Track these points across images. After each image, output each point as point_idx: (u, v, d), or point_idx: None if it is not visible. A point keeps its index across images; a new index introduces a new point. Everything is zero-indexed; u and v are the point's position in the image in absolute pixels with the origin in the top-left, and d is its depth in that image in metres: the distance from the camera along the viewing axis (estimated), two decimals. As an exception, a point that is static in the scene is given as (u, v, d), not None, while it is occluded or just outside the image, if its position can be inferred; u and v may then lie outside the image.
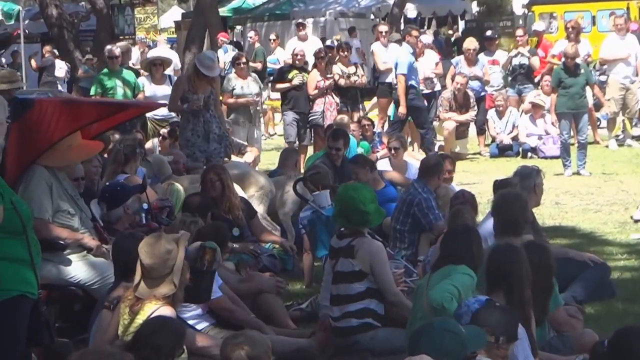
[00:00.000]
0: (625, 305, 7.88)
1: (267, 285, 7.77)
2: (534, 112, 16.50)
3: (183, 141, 11.60)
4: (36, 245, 5.31)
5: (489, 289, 5.65)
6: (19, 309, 5.18)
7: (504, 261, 5.64)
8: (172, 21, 42.66)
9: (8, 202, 5.10)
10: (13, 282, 5.14)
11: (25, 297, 5.20)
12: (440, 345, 4.72)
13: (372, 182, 9.56)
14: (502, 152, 16.36)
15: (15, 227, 5.16)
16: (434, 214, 8.81)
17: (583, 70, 14.33)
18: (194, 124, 11.33)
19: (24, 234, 5.21)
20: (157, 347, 5.01)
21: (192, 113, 11.32)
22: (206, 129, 11.31)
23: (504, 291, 5.55)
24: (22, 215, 5.20)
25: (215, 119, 11.38)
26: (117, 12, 28.93)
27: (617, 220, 11.23)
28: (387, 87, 16.64)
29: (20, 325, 5.20)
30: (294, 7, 31.63)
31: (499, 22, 32.94)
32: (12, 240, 5.14)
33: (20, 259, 5.19)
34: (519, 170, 8.42)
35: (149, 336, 5.06)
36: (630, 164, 15.21)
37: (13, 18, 33.38)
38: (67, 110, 6.98)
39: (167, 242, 5.72)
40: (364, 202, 6.91)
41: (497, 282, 5.60)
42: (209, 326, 6.92)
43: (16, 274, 5.15)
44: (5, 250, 5.11)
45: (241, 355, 4.80)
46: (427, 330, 4.85)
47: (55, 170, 6.92)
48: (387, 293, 6.88)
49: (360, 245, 6.87)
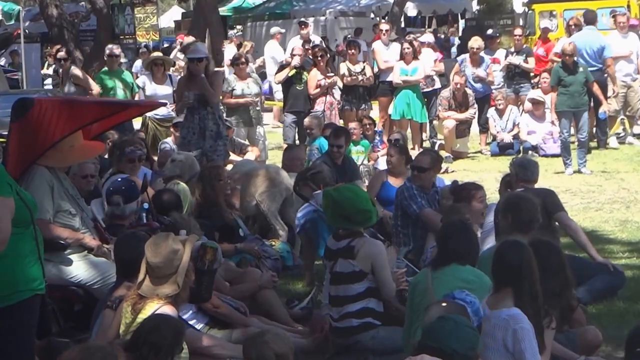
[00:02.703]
0: (627, 304, 7.87)
1: (263, 281, 7.74)
2: (535, 109, 16.49)
3: (180, 139, 11.59)
4: (41, 236, 5.33)
5: (496, 285, 5.61)
6: (31, 308, 5.21)
7: (513, 258, 5.60)
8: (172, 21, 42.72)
9: (15, 194, 5.11)
10: (26, 283, 5.15)
11: (37, 295, 5.21)
12: (465, 340, 4.73)
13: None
14: (503, 151, 16.35)
15: (25, 218, 5.16)
16: (417, 202, 8.75)
17: (582, 69, 14.32)
18: (189, 121, 11.30)
19: (31, 224, 5.22)
20: (156, 345, 5.01)
21: (188, 110, 11.30)
22: (201, 126, 11.19)
23: (513, 287, 5.52)
24: (28, 204, 5.21)
25: (212, 116, 11.25)
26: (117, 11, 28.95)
27: (618, 218, 11.21)
28: (388, 86, 16.65)
29: (33, 323, 5.24)
30: (294, 6, 31.65)
31: (499, 21, 32.97)
32: (22, 235, 5.14)
33: (30, 253, 5.19)
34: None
35: (148, 334, 5.06)
36: (631, 162, 15.19)
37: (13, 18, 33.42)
38: (68, 110, 6.98)
39: (174, 242, 5.71)
40: (362, 201, 6.92)
41: (506, 279, 5.56)
42: (205, 326, 6.91)
43: (27, 272, 5.16)
44: (17, 247, 5.10)
45: (269, 354, 4.80)
46: (450, 324, 4.82)
47: (56, 170, 6.92)
48: (387, 290, 6.89)
49: (360, 246, 6.86)
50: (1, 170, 5.12)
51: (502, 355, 5.33)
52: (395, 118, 16.25)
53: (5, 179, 5.08)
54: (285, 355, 4.83)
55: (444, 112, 16.37)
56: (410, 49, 16.29)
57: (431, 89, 16.83)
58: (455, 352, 4.72)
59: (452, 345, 4.71)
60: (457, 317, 4.95)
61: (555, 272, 5.97)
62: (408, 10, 32.19)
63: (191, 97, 11.15)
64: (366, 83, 15.92)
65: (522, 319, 5.37)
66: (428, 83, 16.73)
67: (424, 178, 8.96)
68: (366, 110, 15.80)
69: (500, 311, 5.43)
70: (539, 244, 6.06)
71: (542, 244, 6.14)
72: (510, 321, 5.34)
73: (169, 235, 5.85)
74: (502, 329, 5.33)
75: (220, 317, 6.98)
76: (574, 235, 8.33)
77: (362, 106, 15.79)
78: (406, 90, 16.16)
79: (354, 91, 15.79)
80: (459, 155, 16.30)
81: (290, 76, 15.52)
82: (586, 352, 6.31)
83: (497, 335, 5.33)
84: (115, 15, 28.64)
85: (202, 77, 11.09)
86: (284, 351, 4.84)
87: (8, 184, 5.08)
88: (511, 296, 5.51)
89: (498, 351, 5.32)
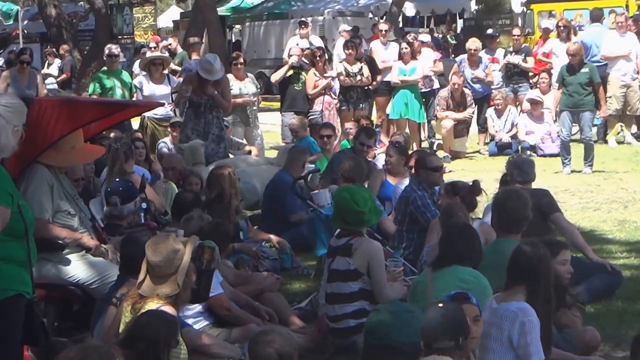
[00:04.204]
0: (625, 304, 7.87)
1: (267, 284, 7.77)
2: (533, 109, 16.49)
3: (183, 137, 11.64)
4: (34, 249, 5.33)
5: (509, 283, 5.63)
6: (16, 308, 5.19)
7: (532, 258, 5.62)
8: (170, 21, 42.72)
9: (15, 206, 5.10)
10: (10, 282, 5.14)
11: (22, 296, 5.21)
12: (407, 328, 4.74)
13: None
14: (501, 151, 16.35)
15: (18, 231, 5.16)
16: (431, 211, 8.78)
17: (587, 69, 14.25)
18: (195, 123, 11.40)
19: (25, 239, 5.22)
20: (151, 340, 5.01)
21: (194, 112, 11.37)
22: (205, 130, 11.41)
23: (527, 286, 5.53)
24: (26, 220, 5.21)
25: (217, 120, 11.46)
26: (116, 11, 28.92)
27: (617, 218, 11.21)
28: (385, 86, 16.65)
29: (18, 323, 5.22)
30: (292, 6, 31.68)
31: (498, 21, 32.94)
32: (12, 243, 5.14)
33: (18, 260, 5.20)
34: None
35: (142, 330, 5.06)
36: (630, 161, 15.20)
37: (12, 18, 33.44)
38: (66, 110, 6.99)
39: (174, 242, 5.71)
40: (358, 202, 6.91)
41: (521, 278, 5.58)
42: (208, 325, 6.93)
43: (13, 273, 5.16)
44: (5, 252, 5.11)
45: (272, 352, 4.80)
46: (388, 318, 4.83)
47: (56, 170, 6.93)
48: (380, 294, 6.86)
49: (358, 245, 6.90)
50: (5, 179, 5.11)
51: (505, 348, 5.37)
52: (394, 118, 16.26)
53: (7, 189, 5.08)
54: (288, 354, 4.83)
55: (442, 112, 16.39)
56: (409, 48, 16.29)
57: (430, 89, 16.83)
58: (401, 344, 4.73)
59: (396, 337, 4.71)
60: (393, 308, 4.94)
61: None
62: (406, 10, 32.19)
63: (189, 91, 11.27)
64: (364, 83, 15.92)
65: (531, 312, 5.41)
66: (426, 83, 16.73)
67: (439, 177, 9.10)
68: (364, 110, 15.80)
69: (509, 304, 5.47)
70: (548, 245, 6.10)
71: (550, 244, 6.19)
72: (519, 313, 5.38)
73: (170, 235, 5.86)
74: (509, 320, 5.38)
75: (231, 320, 7.00)
76: (570, 237, 8.31)
77: (360, 106, 15.80)
78: (404, 90, 16.16)
79: (352, 91, 15.78)
80: (457, 155, 16.31)
81: (288, 76, 15.52)
82: (585, 352, 6.32)
83: (503, 326, 5.37)
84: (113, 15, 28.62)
85: (215, 94, 11.30)
86: (287, 350, 4.83)
87: (9, 194, 5.08)
88: (523, 293, 5.54)
89: (501, 343, 5.37)
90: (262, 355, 4.82)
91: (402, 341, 4.76)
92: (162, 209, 9.28)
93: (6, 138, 5.19)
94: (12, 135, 5.22)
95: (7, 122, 5.21)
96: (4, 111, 5.21)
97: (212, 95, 11.47)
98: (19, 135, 5.29)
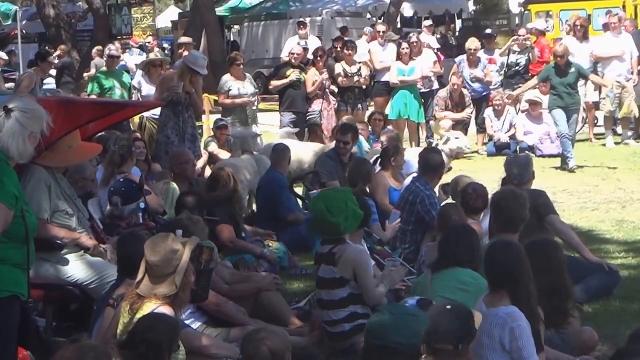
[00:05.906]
0: (623, 304, 7.87)
1: (265, 283, 7.77)
2: (532, 109, 16.51)
3: (163, 138, 11.59)
4: (33, 254, 5.32)
5: (492, 287, 5.57)
6: (10, 308, 5.18)
7: (506, 258, 5.54)
8: (168, 21, 42.73)
9: (19, 210, 5.09)
10: (5, 283, 5.13)
11: (16, 297, 5.20)
12: (407, 329, 4.73)
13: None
14: (500, 151, 16.36)
15: (19, 235, 5.15)
16: (436, 209, 8.77)
17: (573, 69, 14.36)
18: (174, 122, 11.40)
19: (25, 244, 5.21)
20: (153, 343, 5.01)
21: (172, 111, 11.38)
22: (183, 129, 11.41)
23: (508, 289, 5.48)
24: (28, 226, 5.19)
25: (191, 120, 11.53)
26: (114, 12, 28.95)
27: (614, 218, 11.22)
28: (384, 86, 16.66)
29: (12, 324, 5.21)
30: (290, 7, 31.68)
31: (495, 21, 32.94)
32: (11, 245, 5.13)
33: (16, 263, 5.19)
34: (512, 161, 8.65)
35: (144, 332, 5.06)
36: (628, 161, 15.21)
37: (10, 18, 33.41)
38: (64, 110, 6.98)
39: (174, 242, 5.70)
40: (332, 212, 6.77)
41: (501, 281, 5.50)
42: (202, 325, 6.92)
43: (9, 275, 5.15)
44: (2, 253, 5.10)
45: (264, 350, 4.80)
46: (388, 318, 4.83)
47: (53, 170, 6.92)
48: (368, 297, 6.77)
49: (341, 252, 6.79)
50: (13, 180, 5.09)
51: (499, 353, 5.33)
52: (392, 118, 16.26)
53: (13, 190, 5.06)
54: (280, 352, 4.83)
55: (441, 112, 16.40)
56: (408, 49, 16.30)
57: (429, 90, 16.84)
58: (400, 345, 4.71)
59: (395, 338, 4.70)
60: (394, 309, 4.93)
61: (555, 273, 5.99)
62: (404, 10, 32.22)
63: (180, 88, 11.29)
64: (362, 83, 15.92)
65: (520, 316, 5.36)
66: (426, 84, 16.75)
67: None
68: (362, 110, 15.81)
69: (497, 309, 5.42)
70: (539, 243, 6.09)
71: (543, 243, 6.17)
72: (508, 319, 5.33)
73: (169, 235, 5.84)
74: (499, 326, 5.33)
75: (221, 316, 6.99)
76: (566, 239, 8.27)
77: (358, 106, 15.80)
78: (404, 90, 16.18)
79: (350, 91, 15.78)
80: (456, 155, 16.29)
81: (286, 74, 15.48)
82: (582, 352, 6.31)
83: (494, 333, 5.32)
84: (112, 16, 28.65)
85: (193, 92, 11.34)
86: (279, 348, 4.83)
87: (15, 196, 5.06)
88: (507, 297, 5.50)
89: (494, 350, 5.32)
90: (255, 353, 4.82)
91: (400, 342, 4.75)
92: (160, 209, 9.27)
93: (23, 144, 5.15)
94: (28, 141, 5.19)
95: (25, 128, 5.18)
96: (21, 117, 5.18)
97: (191, 93, 11.45)
98: (36, 141, 5.26)
